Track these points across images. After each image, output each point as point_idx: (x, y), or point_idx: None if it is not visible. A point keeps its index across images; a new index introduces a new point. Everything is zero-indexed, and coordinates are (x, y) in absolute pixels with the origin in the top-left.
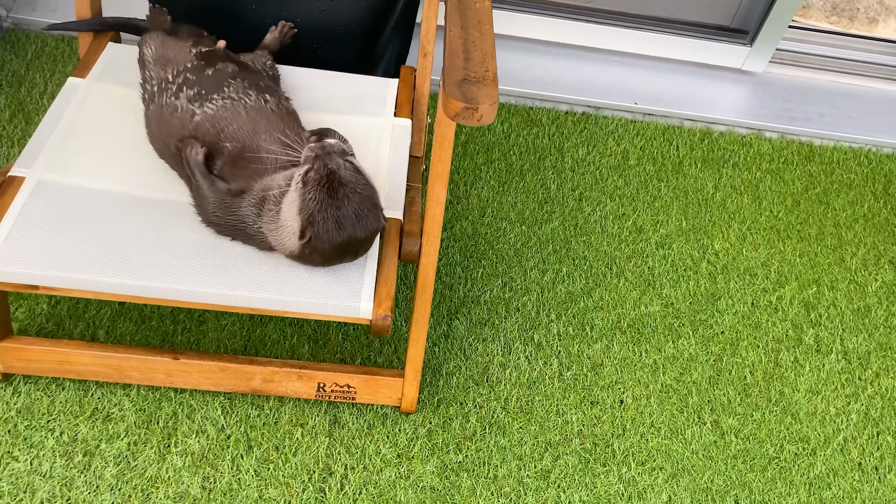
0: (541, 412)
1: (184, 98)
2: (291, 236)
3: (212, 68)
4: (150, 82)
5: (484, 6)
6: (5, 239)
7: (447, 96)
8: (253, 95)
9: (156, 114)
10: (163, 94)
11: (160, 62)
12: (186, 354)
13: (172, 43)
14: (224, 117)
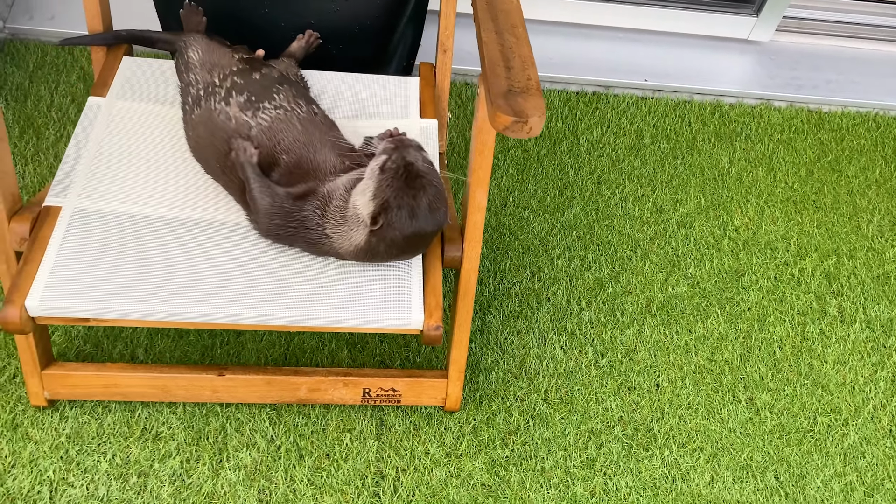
0: (580, 401)
1: (234, 105)
2: (360, 226)
3: (257, 73)
4: (194, 86)
5: (514, 6)
6: (51, 274)
7: (495, 110)
8: (304, 106)
9: (203, 118)
10: (210, 99)
11: (206, 66)
12: (231, 370)
13: (216, 47)
14: (279, 129)
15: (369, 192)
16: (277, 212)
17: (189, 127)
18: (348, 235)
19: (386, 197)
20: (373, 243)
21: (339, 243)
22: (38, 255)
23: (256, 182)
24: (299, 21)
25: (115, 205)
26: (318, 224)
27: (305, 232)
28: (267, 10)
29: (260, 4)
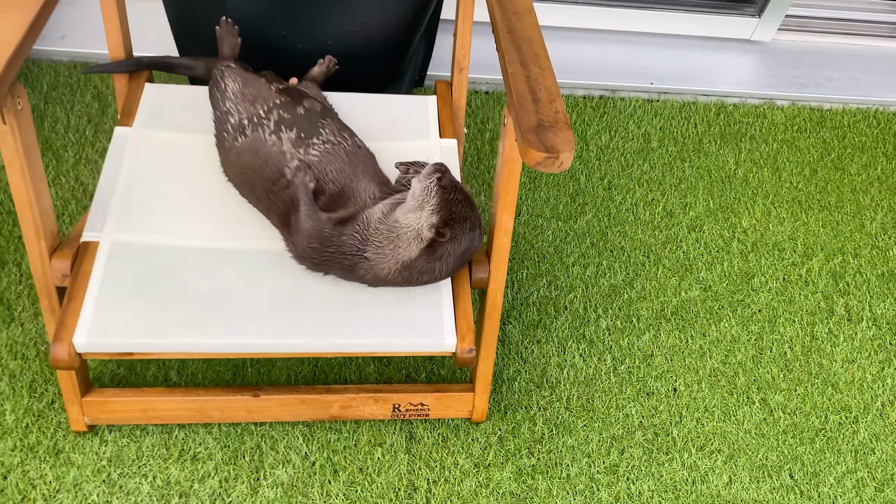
0: (601, 408)
1: (287, 141)
2: (414, 242)
3: (301, 106)
4: (234, 115)
5: (535, 34)
6: (95, 310)
7: (527, 146)
8: (348, 139)
9: (250, 146)
10: (257, 129)
11: (247, 97)
12: (266, 391)
13: (252, 77)
14: (327, 162)
15: (429, 206)
16: (317, 236)
17: (231, 153)
18: (395, 253)
19: (452, 209)
20: (425, 259)
21: (380, 264)
22: (80, 291)
23: (306, 206)
24: (317, 43)
25: (151, 237)
26: (357, 248)
27: (342, 257)
28: (285, 33)
29: (279, 28)
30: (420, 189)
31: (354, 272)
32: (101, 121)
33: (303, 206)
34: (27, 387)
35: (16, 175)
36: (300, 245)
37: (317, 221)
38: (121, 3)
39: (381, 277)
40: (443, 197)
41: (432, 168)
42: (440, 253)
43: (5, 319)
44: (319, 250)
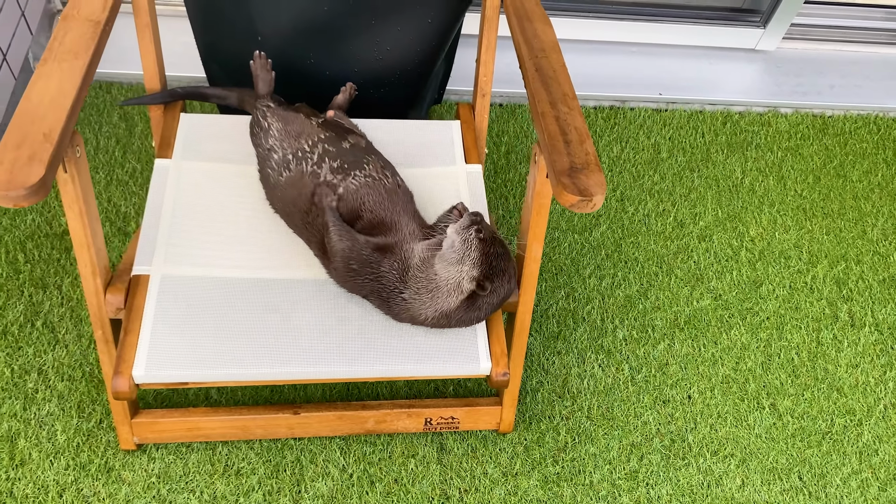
0: (621, 417)
1: (326, 168)
2: (454, 294)
3: (346, 141)
4: (278, 151)
5: (560, 69)
6: (150, 343)
7: (562, 189)
8: (389, 177)
9: (293, 180)
10: (302, 163)
11: (291, 133)
12: (305, 408)
13: (293, 116)
14: (365, 192)
15: (470, 259)
16: (356, 258)
17: (276, 188)
18: (434, 303)
19: (492, 263)
20: (464, 309)
21: (418, 309)
22: (135, 325)
23: (335, 225)
24: (344, 70)
25: (198, 269)
26: (395, 286)
27: (380, 287)
28: (313, 60)
29: (308, 56)
30: (460, 241)
31: (390, 307)
32: (129, 141)
33: (332, 226)
34: (76, 407)
35: (74, 219)
36: (339, 266)
37: (353, 241)
38: (157, 38)
39: (417, 321)
40: (483, 251)
41: (469, 220)
42: (479, 304)
43: (50, 342)
44: (359, 271)
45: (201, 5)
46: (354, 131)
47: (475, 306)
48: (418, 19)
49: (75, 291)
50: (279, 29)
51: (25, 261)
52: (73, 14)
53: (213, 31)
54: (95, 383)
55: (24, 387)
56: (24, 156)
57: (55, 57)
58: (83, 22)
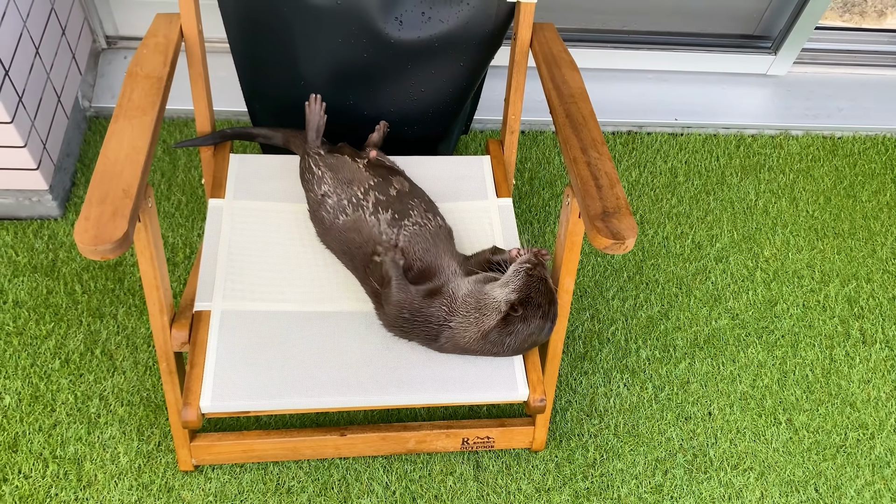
0: (645, 434)
1: (384, 221)
2: (495, 312)
3: (392, 187)
4: (332, 197)
5: (588, 114)
6: (214, 376)
7: (596, 233)
8: (432, 220)
9: (350, 225)
10: (358, 210)
11: (343, 181)
12: (351, 430)
13: (342, 162)
14: (416, 241)
15: (513, 285)
16: (408, 307)
17: (332, 230)
18: (478, 322)
19: (531, 294)
20: (498, 331)
21: (462, 333)
22: (200, 358)
23: (397, 281)
24: (380, 109)
25: (254, 304)
26: (444, 319)
27: (427, 326)
28: (352, 101)
29: (347, 97)
30: (512, 271)
31: (437, 340)
32: (174, 175)
33: (394, 280)
34: (135, 430)
35: (146, 263)
36: (392, 314)
37: (407, 294)
38: (208, 86)
39: (460, 345)
40: (527, 282)
41: (528, 257)
42: (511, 328)
43: (109, 369)
44: (409, 319)
45: (247, 49)
46: (396, 170)
47: (507, 329)
48: (451, 63)
49: (129, 320)
50: (321, 73)
51: (83, 291)
52: (137, 71)
53: (258, 73)
54: (153, 408)
55: (88, 412)
56: (107, 211)
57: (125, 114)
58: (146, 79)
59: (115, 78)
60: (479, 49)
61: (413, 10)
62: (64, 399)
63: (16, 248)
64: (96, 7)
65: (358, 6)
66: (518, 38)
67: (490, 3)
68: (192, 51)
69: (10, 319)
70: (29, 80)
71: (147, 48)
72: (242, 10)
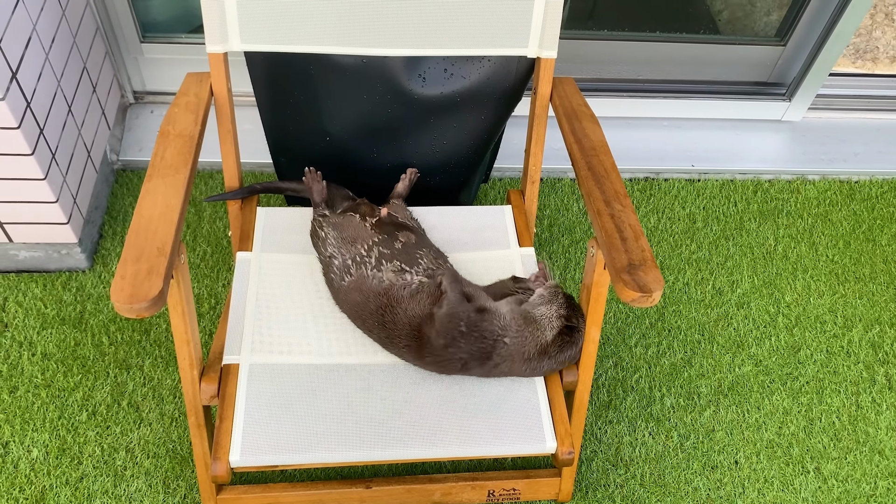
0: (672, 484)
1: (389, 271)
2: (547, 329)
3: (398, 241)
4: (338, 258)
5: (613, 172)
6: (244, 430)
7: (623, 286)
8: (443, 266)
9: (356, 284)
10: (360, 267)
11: (347, 240)
12: (377, 482)
13: (346, 221)
14: (427, 286)
15: (557, 303)
16: (465, 319)
17: (341, 293)
18: (535, 336)
19: (575, 309)
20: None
21: (520, 346)
22: (229, 412)
23: (456, 294)
24: (403, 161)
25: (282, 357)
26: (497, 334)
27: (483, 342)
28: (376, 154)
29: (371, 150)
30: (548, 292)
31: (490, 359)
32: (199, 226)
33: (452, 294)
34: (161, 483)
35: (178, 318)
36: (447, 330)
37: (464, 307)
38: (236, 143)
39: (516, 361)
40: (566, 298)
41: (554, 282)
42: (571, 340)
43: (136, 421)
44: (465, 333)
45: (274, 107)
46: (406, 225)
47: (568, 341)
48: (472, 116)
49: (155, 372)
50: (346, 128)
51: (110, 343)
52: (169, 130)
53: (284, 129)
54: (179, 460)
55: (114, 464)
56: (143, 270)
57: (158, 173)
58: (179, 137)
59: (142, 132)
60: (500, 103)
61: (436, 67)
62: (91, 451)
63: (45, 300)
64: (125, 64)
65: (383, 65)
66: (538, 93)
67: (510, 59)
68: (222, 109)
69: (39, 372)
70: (62, 137)
71: (178, 107)
72: (270, 69)
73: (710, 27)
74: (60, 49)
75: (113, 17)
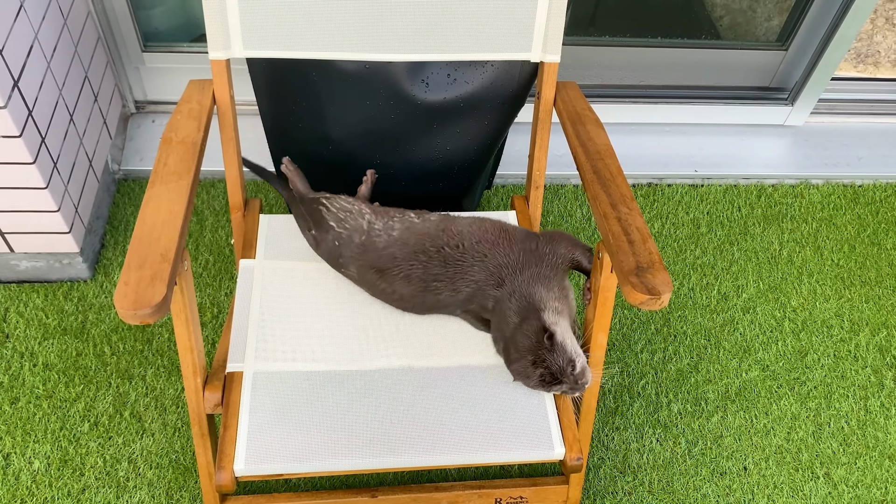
0: (680, 490)
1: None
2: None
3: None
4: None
5: (619, 176)
6: (248, 438)
7: (631, 289)
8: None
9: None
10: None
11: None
12: (382, 491)
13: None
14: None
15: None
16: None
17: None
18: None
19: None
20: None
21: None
22: (233, 420)
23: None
24: (405, 167)
25: (286, 364)
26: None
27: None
28: (379, 161)
29: (373, 157)
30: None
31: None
32: (201, 235)
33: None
34: (164, 494)
35: (181, 325)
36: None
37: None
38: (239, 149)
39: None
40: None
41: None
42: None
43: (138, 431)
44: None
45: (276, 113)
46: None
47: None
48: (476, 122)
49: (158, 381)
50: (349, 134)
51: (111, 353)
52: (172, 137)
53: (287, 135)
54: (182, 470)
55: (116, 476)
56: (146, 276)
57: (161, 179)
58: (181, 144)
59: (143, 141)
60: (503, 109)
61: (439, 72)
62: (93, 463)
63: (46, 310)
64: (126, 74)
65: (386, 70)
66: (542, 98)
67: (514, 64)
68: (224, 116)
69: (40, 382)
70: (63, 146)
71: (181, 114)
72: (272, 76)
73: (710, 33)
74: (62, 57)
75: (114, 26)
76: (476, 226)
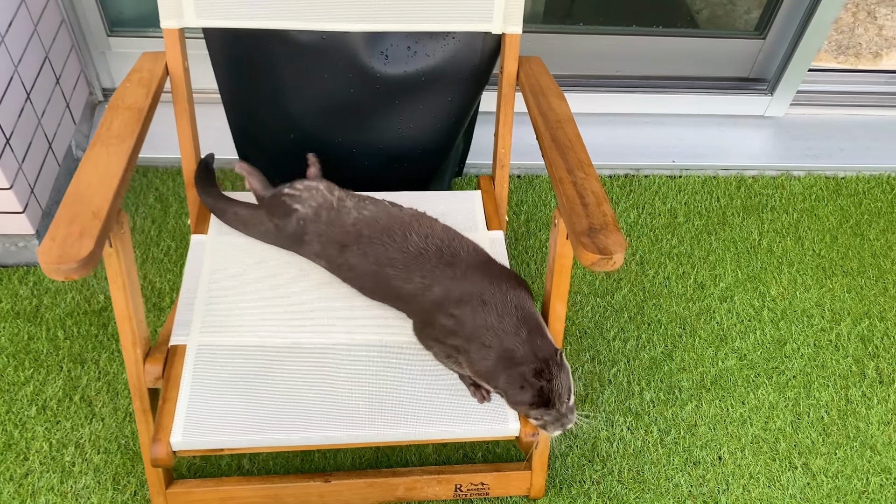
0: (651, 480)
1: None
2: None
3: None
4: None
5: (575, 139)
6: (188, 411)
7: (582, 249)
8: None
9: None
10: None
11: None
12: (336, 476)
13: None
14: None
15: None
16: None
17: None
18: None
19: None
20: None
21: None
22: (173, 393)
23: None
24: (368, 147)
25: (233, 338)
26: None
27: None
28: (340, 140)
29: (335, 136)
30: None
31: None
32: (164, 221)
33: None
34: (111, 480)
35: (118, 291)
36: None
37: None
38: (194, 122)
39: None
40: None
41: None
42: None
43: (87, 416)
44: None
45: (235, 89)
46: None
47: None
48: (439, 98)
49: (112, 366)
50: (309, 110)
51: (65, 337)
52: (119, 104)
53: (247, 115)
54: (130, 455)
55: (62, 460)
56: (75, 232)
57: (102, 142)
58: (127, 110)
59: None
60: (467, 84)
61: (398, 44)
62: (38, 447)
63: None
64: (93, 60)
65: (343, 41)
66: (504, 71)
67: (476, 36)
68: (178, 88)
69: None
70: (18, 123)
71: (130, 82)
72: (230, 48)
73: (689, 25)
74: (18, 34)
75: (79, 10)
76: (454, 232)
